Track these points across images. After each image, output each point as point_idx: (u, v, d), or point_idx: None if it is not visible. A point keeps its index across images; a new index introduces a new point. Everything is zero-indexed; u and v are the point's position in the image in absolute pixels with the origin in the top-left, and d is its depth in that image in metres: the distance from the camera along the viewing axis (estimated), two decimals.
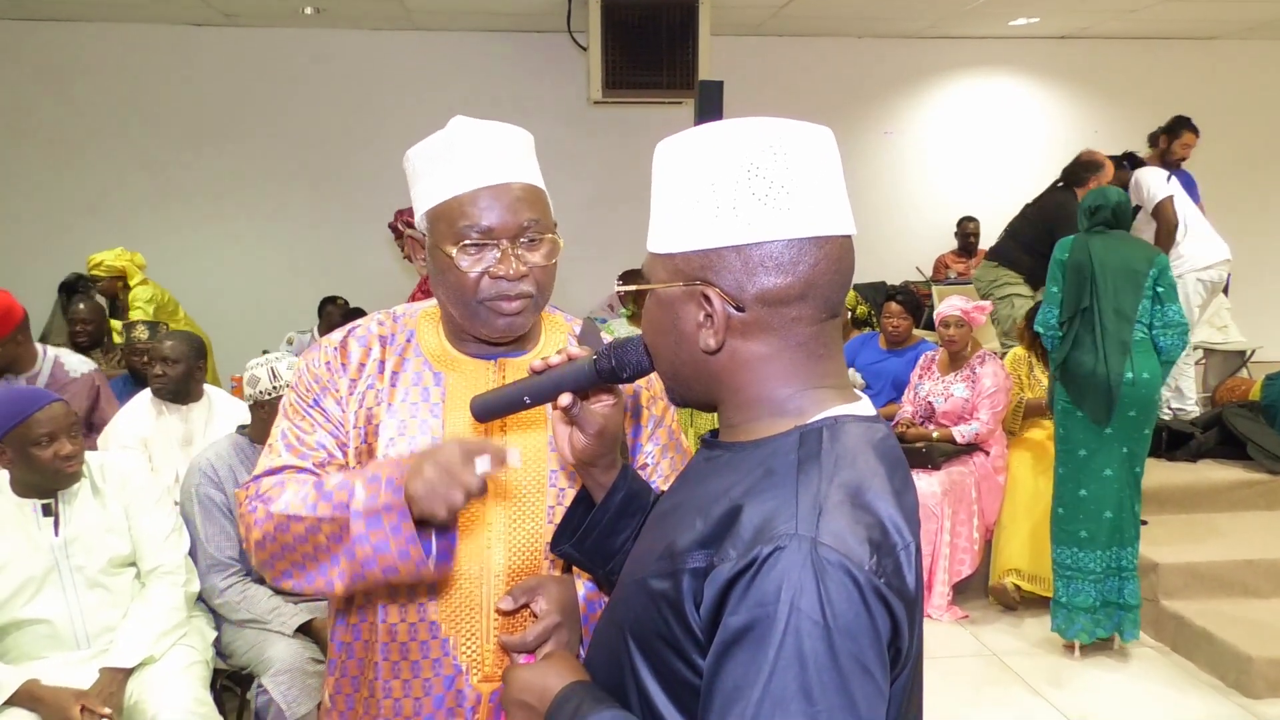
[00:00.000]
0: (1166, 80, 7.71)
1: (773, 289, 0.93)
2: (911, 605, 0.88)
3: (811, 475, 0.89)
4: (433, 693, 1.35)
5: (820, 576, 0.81)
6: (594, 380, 1.13)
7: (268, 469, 1.37)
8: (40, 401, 2.47)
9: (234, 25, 7.05)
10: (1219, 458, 5.03)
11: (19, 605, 2.44)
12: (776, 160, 0.92)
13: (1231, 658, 3.64)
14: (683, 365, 1.00)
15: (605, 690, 1.00)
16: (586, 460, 1.19)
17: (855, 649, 0.81)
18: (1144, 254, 3.73)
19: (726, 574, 0.85)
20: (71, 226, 7.03)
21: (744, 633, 0.82)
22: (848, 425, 0.94)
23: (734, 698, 0.81)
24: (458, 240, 1.33)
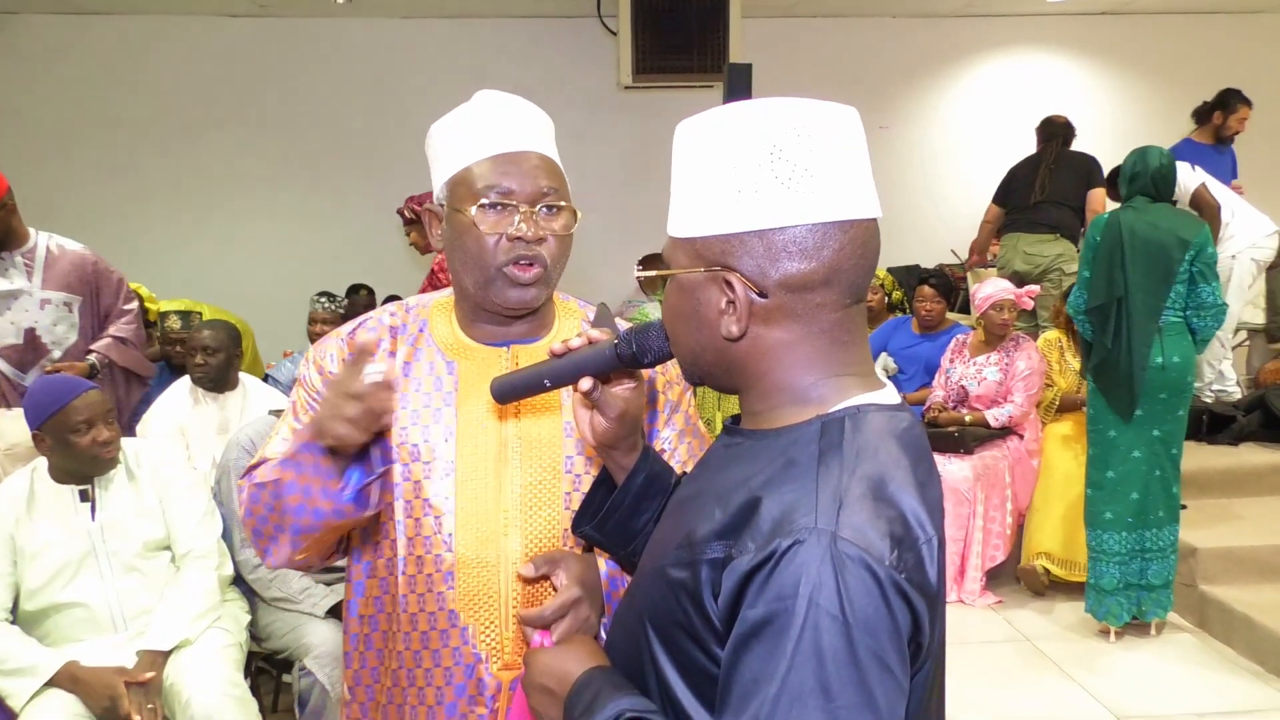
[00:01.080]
0: (1210, 56, 7.52)
1: (796, 274, 0.91)
2: (933, 600, 0.86)
3: (833, 467, 0.87)
4: (454, 681, 1.35)
5: (839, 571, 0.80)
6: (615, 365, 1.13)
7: (263, 457, 1.39)
8: (78, 389, 2.53)
9: (267, 16, 7.12)
10: (1261, 441, 4.94)
11: (57, 589, 2.50)
12: (800, 142, 0.90)
13: (1272, 643, 3.58)
14: (704, 351, 0.99)
15: (624, 675, 1.00)
16: (608, 443, 1.18)
17: (875, 645, 0.80)
18: (1182, 233, 3.59)
19: (745, 566, 0.84)
20: (106, 216, 7.15)
21: (762, 626, 0.82)
22: (870, 415, 0.93)
23: (752, 691, 0.81)
24: (475, 201, 1.34)
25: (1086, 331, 3.80)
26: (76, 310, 3.47)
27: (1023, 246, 5.39)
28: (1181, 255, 3.58)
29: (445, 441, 1.37)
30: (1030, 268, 5.33)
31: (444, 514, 1.35)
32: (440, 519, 1.35)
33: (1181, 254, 3.58)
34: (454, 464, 1.36)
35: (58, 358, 3.41)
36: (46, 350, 3.40)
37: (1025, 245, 5.38)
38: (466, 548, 1.35)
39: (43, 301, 3.38)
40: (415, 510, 1.36)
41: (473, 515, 1.35)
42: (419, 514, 1.36)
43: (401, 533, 1.36)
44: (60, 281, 3.43)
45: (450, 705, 1.35)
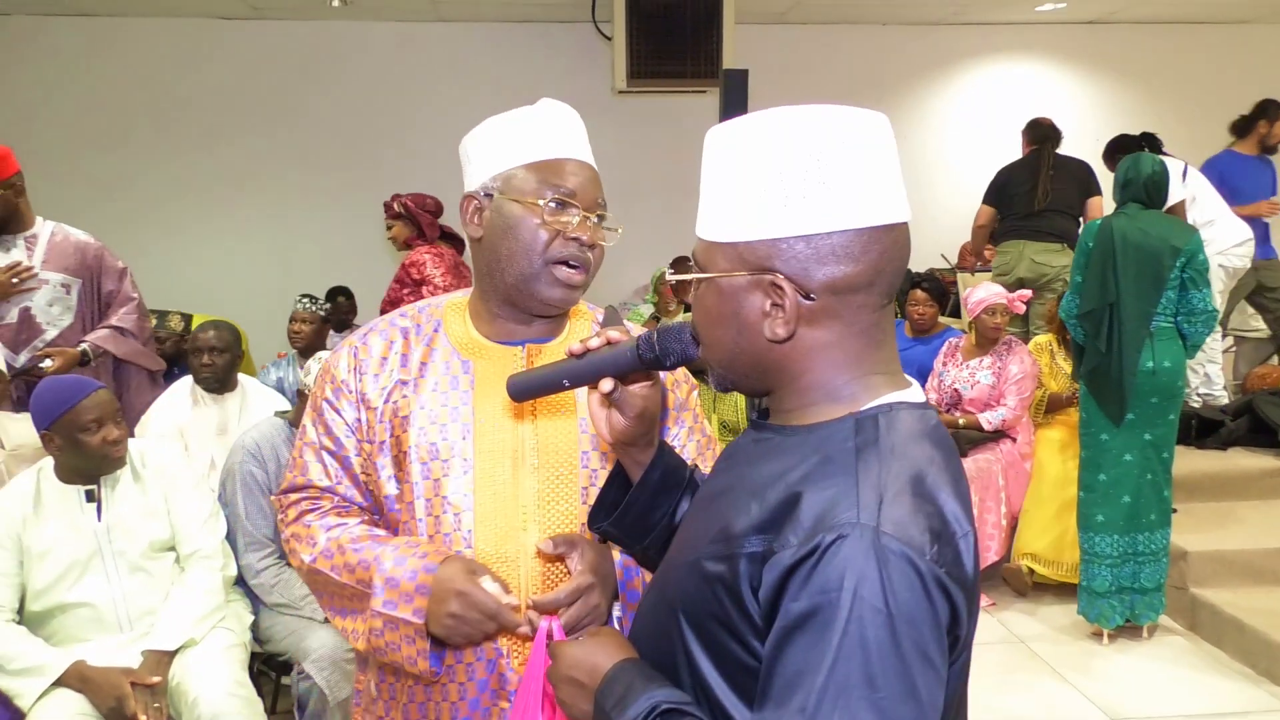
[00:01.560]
0: (1196, 66, 7.63)
1: (841, 277, 0.93)
2: (970, 593, 0.89)
3: (871, 463, 0.90)
4: (476, 677, 1.37)
5: (883, 565, 0.82)
6: (636, 366, 1.13)
7: (293, 484, 1.46)
8: (87, 389, 2.54)
9: (261, 18, 7.11)
10: (1249, 445, 5.00)
11: (64, 589, 2.51)
12: (842, 148, 0.92)
13: (1262, 645, 3.63)
14: (742, 354, 0.99)
15: (654, 667, 1.01)
16: (626, 441, 1.19)
17: (917, 637, 0.82)
18: (1173, 240, 3.63)
19: (788, 560, 0.86)
20: (97, 220, 7.09)
21: (806, 619, 0.83)
22: (901, 412, 0.95)
23: (796, 683, 0.82)
24: (537, 196, 1.38)
25: (1079, 335, 3.84)
26: (75, 293, 3.45)
27: (1030, 254, 5.34)
28: (1172, 262, 3.62)
29: (463, 439, 1.39)
30: (1035, 276, 5.30)
31: (463, 511, 1.38)
32: (459, 516, 1.38)
33: (1173, 260, 3.62)
34: (472, 462, 1.39)
35: (51, 338, 3.38)
36: (40, 330, 3.37)
37: (1033, 253, 5.33)
38: (485, 543, 1.37)
39: (40, 281, 3.37)
40: (435, 508, 1.39)
41: (491, 511, 1.38)
42: (438, 511, 1.38)
43: (423, 530, 1.39)
44: (60, 263, 3.42)
45: (473, 701, 1.37)
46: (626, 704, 0.97)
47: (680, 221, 7.01)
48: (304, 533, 1.43)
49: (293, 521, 1.45)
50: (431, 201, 4.89)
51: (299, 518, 1.45)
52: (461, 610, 1.27)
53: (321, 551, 1.40)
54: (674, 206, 6.73)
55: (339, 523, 1.42)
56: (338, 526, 1.42)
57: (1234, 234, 5.26)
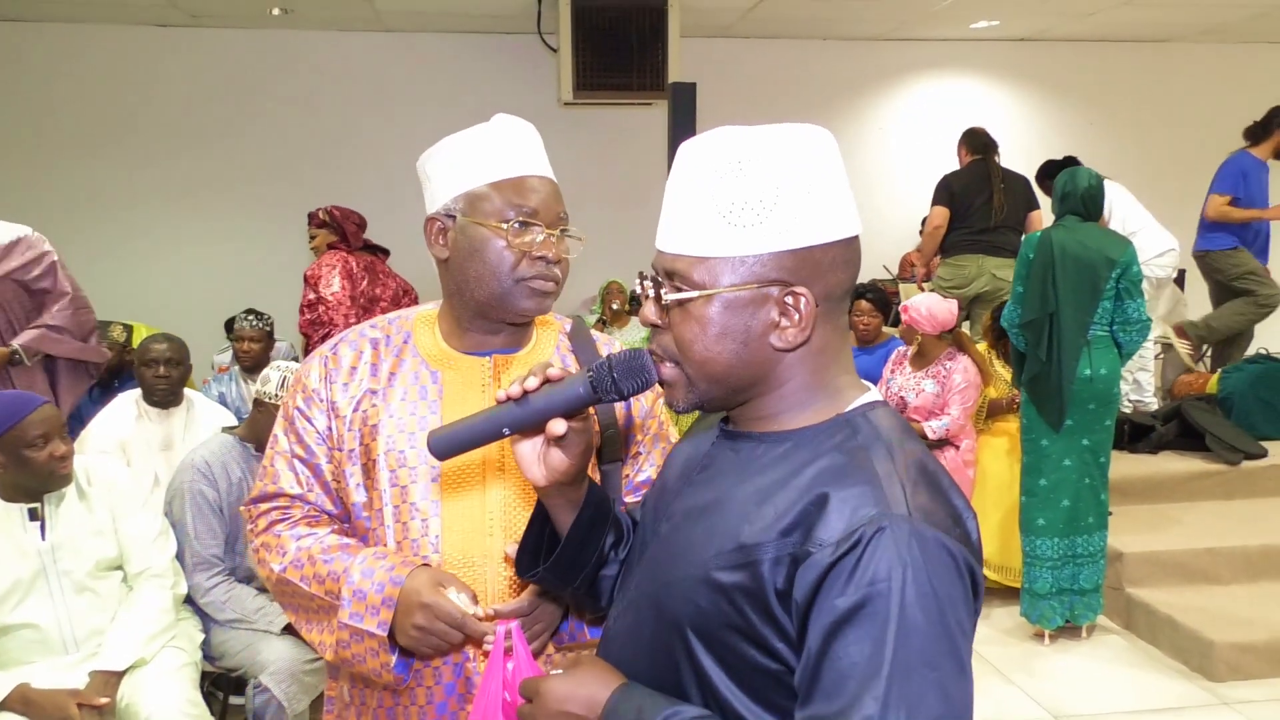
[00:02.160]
0: (1122, 82, 7.90)
1: (836, 284, 0.99)
2: (981, 569, 0.95)
3: (883, 457, 0.94)
4: (443, 680, 1.39)
5: (924, 552, 0.87)
6: (589, 402, 1.05)
7: (264, 493, 1.47)
8: (32, 404, 2.47)
9: (199, 26, 6.99)
10: (1179, 449, 5.16)
11: (7, 610, 2.44)
12: (832, 164, 0.98)
13: (1194, 642, 3.76)
14: (740, 366, 0.99)
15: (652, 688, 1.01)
16: (566, 482, 1.12)
17: (957, 616, 0.88)
18: (1109, 252, 3.75)
19: (826, 559, 0.88)
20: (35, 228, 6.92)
21: (855, 611, 0.86)
22: (879, 410, 1.01)
23: (850, 674, 0.85)
24: (504, 218, 1.40)
25: (1020, 344, 3.95)
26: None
27: (990, 269, 5.44)
28: (1108, 273, 3.75)
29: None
30: (994, 290, 5.40)
31: (430, 517, 1.40)
32: (427, 522, 1.40)
33: (1108, 272, 3.74)
34: (439, 469, 1.41)
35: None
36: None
37: (993, 268, 5.43)
38: (453, 549, 1.40)
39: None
40: (403, 515, 1.41)
41: (458, 518, 1.40)
42: (406, 518, 1.41)
43: (391, 537, 1.41)
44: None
45: (440, 704, 1.39)
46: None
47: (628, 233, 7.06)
48: (274, 542, 1.44)
49: (263, 531, 1.46)
50: (358, 215, 4.90)
51: (269, 527, 1.46)
52: (426, 622, 1.28)
53: (291, 561, 1.41)
54: (621, 218, 6.77)
55: (309, 532, 1.43)
56: (308, 536, 1.42)
57: (1157, 244, 5.44)
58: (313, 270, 4.68)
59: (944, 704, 0.85)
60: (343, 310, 4.58)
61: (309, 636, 1.43)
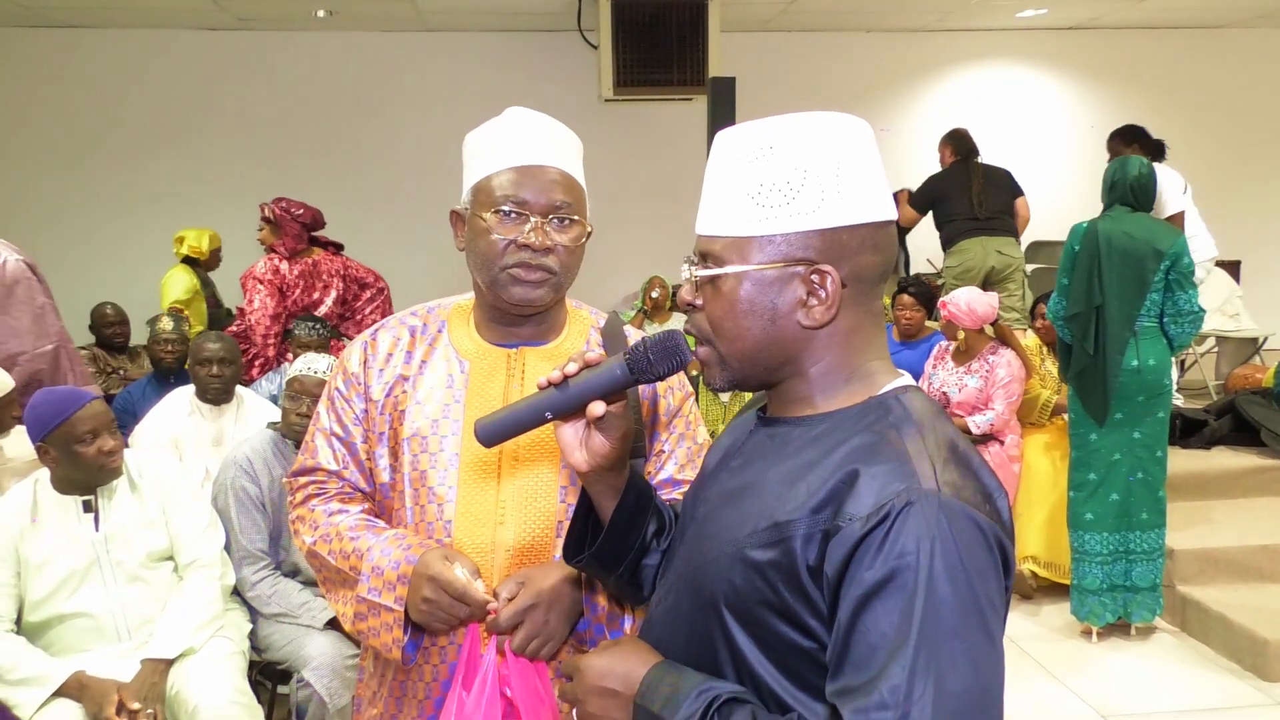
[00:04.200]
0: (1175, 69, 7.73)
1: (867, 266, 1.01)
2: (1013, 545, 0.96)
3: (913, 436, 0.95)
4: (448, 659, 1.45)
5: (952, 525, 0.88)
6: (628, 383, 1.08)
7: (303, 467, 1.54)
8: (81, 400, 2.54)
9: (246, 29, 7.12)
10: (1232, 445, 5.06)
11: (62, 599, 2.51)
12: (861, 150, 1.01)
13: (1248, 641, 3.68)
14: (770, 344, 1.02)
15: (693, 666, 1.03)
16: (606, 466, 1.14)
17: (986, 589, 0.88)
18: (1157, 244, 3.67)
19: (857, 533, 0.89)
20: (78, 228, 7.12)
21: (884, 584, 0.87)
22: (912, 393, 1.02)
23: (881, 645, 0.86)
24: (493, 208, 1.43)
25: (1066, 336, 3.89)
26: None
27: (994, 247, 5.63)
28: (1156, 265, 3.67)
29: (453, 435, 1.47)
30: (1003, 266, 5.62)
31: (445, 502, 1.45)
32: (442, 506, 1.45)
33: (1156, 264, 3.67)
34: (458, 456, 1.46)
35: None
36: None
37: (996, 246, 5.64)
38: (464, 534, 1.44)
39: None
40: (420, 497, 1.47)
41: (471, 505, 1.45)
42: (424, 501, 1.46)
43: (409, 517, 1.48)
44: None
45: (445, 682, 1.44)
46: (679, 701, 0.98)
47: (668, 228, 7.07)
48: (308, 516, 1.52)
49: (299, 504, 1.54)
50: (306, 212, 4.84)
51: (305, 500, 1.54)
52: (433, 594, 1.34)
53: (321, 535, 1.48)
54: (662, 214, 6.78)
55: (341, 509, 1.50)
56: (339, 513, 1.50)
57: (1196, 249, 5.32)
58: (244, 278, 4.70)
59: (973, 673, 0.86)
60: (260, 330, 4.60)
61: (335, 606, 1.50)
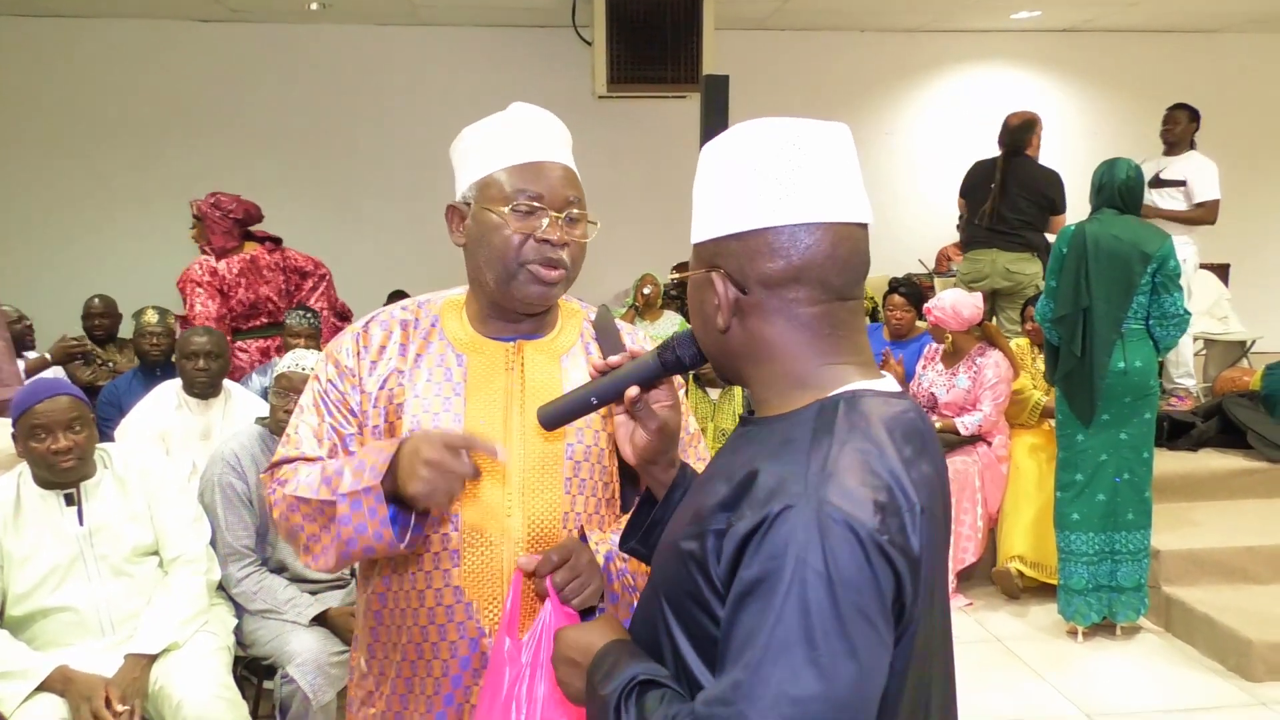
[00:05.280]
0: (1168, 73, 7.75)
1: (768, 272, 1.00)
2: (915, 564, 0.92)
3: (824, 442, 0.95)
4: (459, 654, 1.43)
5: (824, 533, 0.87)
6: (660, 373, 1.19)
7: (284, 456, 1.48)
8: (41, 394, 2.51)
9: (240, 21, 7.09)
10: (1219, 447, 5.08)
11: (46, 593, 2.50)
12: (778, 156, 1.01)
13: (1232, 642, 3.70)
14: (711, 345, 1.09)
15: (645, 649, 1.06)
16: (648, 458, 1.25)
17: (857, 600, 0.87)
18: (1144, 247, 3.68)
19: (742, 531, 0.91)
20: (71, 221, 7.09)
21: (755, 584, 0.88)
22: (865, 398, 1.00)
23: (745, 644, 0.88)
24: (509, 202, 1.42)
25: (1054, 338, 3.91)
26: None
27: (1004, 263, 5.35)
28: (1143, 268, 3.68)
29: (455, 429, 1.44)
30: (1011, 285, 5.35)
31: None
32: None
33: (1143, 267, 3.68)
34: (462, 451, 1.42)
35: None
36: None
37: (1006, 262, 5.35)
38: (471, 527, 1.43)
39: None
40: None
41: (478, 497, 1.43)
42: None
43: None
44: None
45: (455, 678, 1.43)
46: (611, 677, 1.03)
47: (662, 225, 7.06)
48: (288, 476, 1.44)
49: (277, 479, 1.46)
50: (239, 207, 4.69)
51: (283, 474, 1.46)
52: (435, 454, 1.26)
53: (304, 479, 1.40)
54: (655, 210, 6.78)
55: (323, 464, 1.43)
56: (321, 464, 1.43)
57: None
58: (181, 282, 4.58)
59: (821, 682, 0.85)
60: None
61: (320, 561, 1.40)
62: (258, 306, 4.66)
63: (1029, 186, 5.31)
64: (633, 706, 0.99)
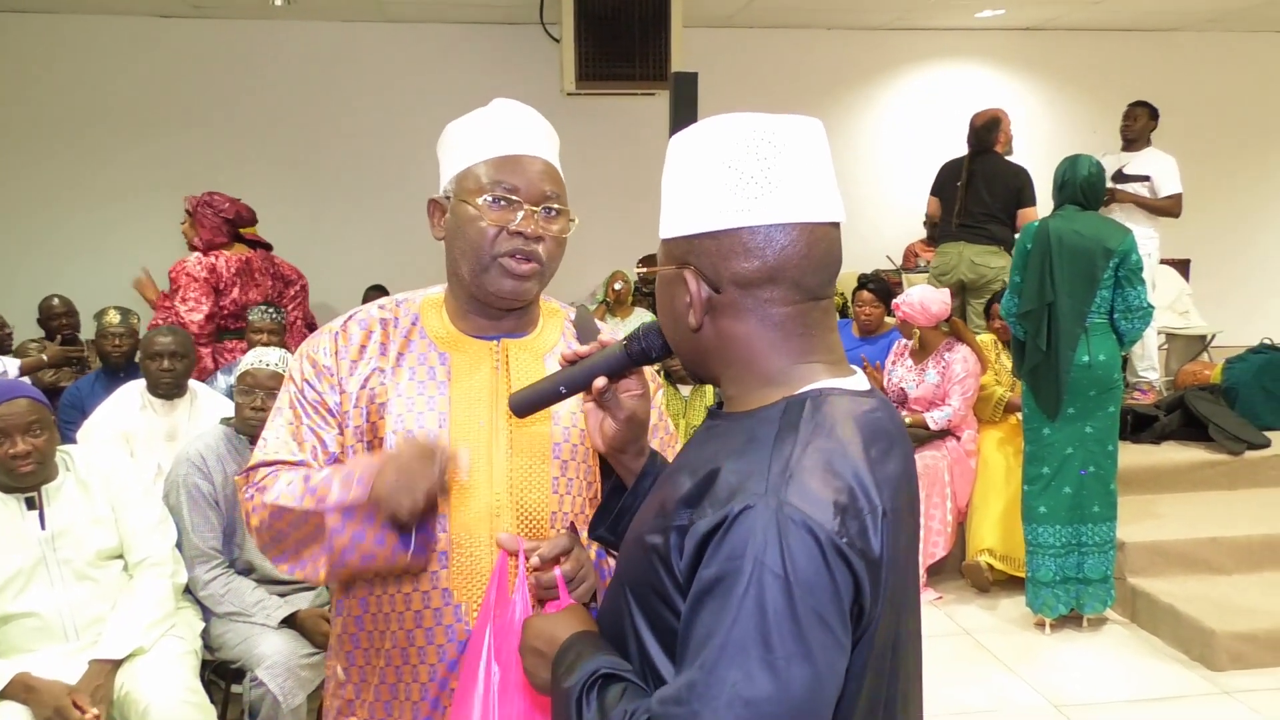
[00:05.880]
0: (1127, 71, 7.86)
1: (742, 272, 0.99)
2: (876, 567, 0.92)
3: (787, 441, 0.94)
4: (445, 657, 1.41)
5: (783, 534, 0.87)
6: (626, 363, 1.19)
7: (262, 460, 1.44)
8: (5, 395, 2.47)
9: (202, 17, 6.99)
10: (1182, 439, 5.16)
11: (8, 599, 2.45)
12: (752, 153, 0.99)
13: (1195, 632, 3.75)
14: (681, 342, 1.08)
15: (610, 641, 1.06)
16: (617, 447, 1.25)
17: (814, 602, 0.86)
18: (1107, 242, 3.74)
19: (703, 529, 0.91)
20: (32, 220, 6.96)
21: (714, 584, 0.88)
22: (833, 397, 0.99)
23: (701, 644, 0.87)
24: (484, 194, 1.42)
25: (1019, 333, 3.95)
26: None
27: (970, 256, 5.40)
28: (1105, 263, 3.74)
29: (439, 427, 1.43)
30: (976, 278, 5.39)
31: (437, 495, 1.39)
32: None
33: (1105, 261, 3.74)
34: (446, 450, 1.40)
35: None
36: None
37: (972, 255, 5.40)
38: (459, 528, 1.41)
39: None
40: None
41: (465, 498, 1.41)
42: None
43: None
44: None
45: (443, 681, 1.40)
46: (574, 670, 1.03)
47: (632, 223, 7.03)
48: (268, 483, 1.40)
49: (255, 484, 1.42)
50: (231, 207, 4.72)
51: (261, 479, 1.42)
52: (404, 458, 1.26)
53: (285, 488, 1.37)
54: (625, 208, 6.76)
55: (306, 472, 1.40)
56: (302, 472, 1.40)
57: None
58: (175, 272, 4.59)
59: (775, 684, 0.85)
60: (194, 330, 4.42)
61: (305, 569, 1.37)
62: (247, 308, 4.65)
63: (994, 182, 5.39)
64: (594, 701, 0.99)
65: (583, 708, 0.99)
